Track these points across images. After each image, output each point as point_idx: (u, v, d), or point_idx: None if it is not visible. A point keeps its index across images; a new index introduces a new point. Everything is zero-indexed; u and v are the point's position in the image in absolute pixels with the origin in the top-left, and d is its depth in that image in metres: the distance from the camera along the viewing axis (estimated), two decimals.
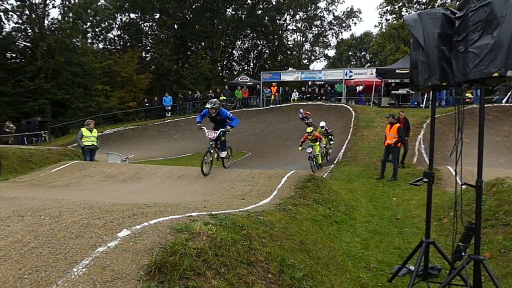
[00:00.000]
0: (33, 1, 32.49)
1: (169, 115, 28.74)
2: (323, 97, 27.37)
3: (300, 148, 13.45)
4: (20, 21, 32.98)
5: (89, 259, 2.50)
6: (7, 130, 24.37)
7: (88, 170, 9.43)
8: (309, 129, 13.49)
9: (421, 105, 22.40)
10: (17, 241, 2.71)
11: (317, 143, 13.58)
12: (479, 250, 3.40)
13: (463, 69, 3.26)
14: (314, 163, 13.41)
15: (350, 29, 75.62)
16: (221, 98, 29.94)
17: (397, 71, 22.65)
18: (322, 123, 15.12)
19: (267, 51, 51.80)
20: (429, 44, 3.42)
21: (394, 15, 43.39)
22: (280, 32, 50.75)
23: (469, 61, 3.20)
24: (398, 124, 11.57)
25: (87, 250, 2.60)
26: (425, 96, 22.14)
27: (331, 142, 15.72)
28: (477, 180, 3.40)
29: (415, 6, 40.83)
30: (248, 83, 31.71)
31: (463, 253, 3.47)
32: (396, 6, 43.11)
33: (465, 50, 3.24)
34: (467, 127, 5.44)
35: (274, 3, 47.93)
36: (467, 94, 21.17)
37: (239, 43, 50.59)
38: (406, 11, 40.83)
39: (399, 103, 23.36)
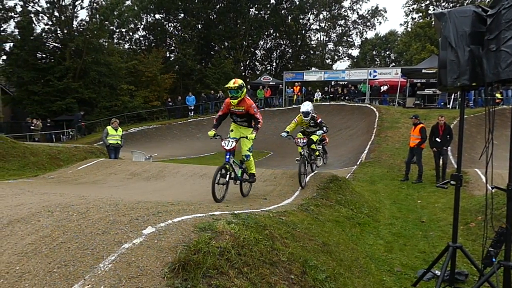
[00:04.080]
0: (63, 3, 33.45)
1: (192, 114, 29.03)
2: (346, 97, 27.06)
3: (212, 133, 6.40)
4: (50, 22, 34.05)
5: (115, 255, 2.55)
6: (32, 127, 25.20)
7: (113, 168, 9.63)
8: (233, 84, 6.02)
9: (448, 106, 21.84)
10: (47, 235, 2.79)
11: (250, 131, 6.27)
12: (510, 256, 3.28)
13: (495, 69, 3.16)
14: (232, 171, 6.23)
15: (375, 28, 74.47)
16: None
17: (423, 70, 22.18)
18: (306, 107, 7.84)
19: (290, 50, 51.60)
20: (459, 43, 3.32)
21: (421, 14, 42.42)
22: (303, 31, 50.46)
23: (501, 60, 3.09)
24: (421, 125, 11.30)
25: (113, 246, 2.65)
26: (452, 96, 21.59)
27: (319, 133, 8.07)
28: (508, 183, 3.28)
29: (443, 4, 39.80)
30: (270, 83, 31.68)
31: (493, 259, 3.36)
32: (423, 4, 42.15)
33: (497, 49, 3.14)
34: (496, 129, 5.26)
35: (297, 2, 47.72)
36: (496, 95, 20.50)
37: (262, 43, 50.64)
38: (433, 10, 39.84)
39: (425, 103, 22.85)
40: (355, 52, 59.03)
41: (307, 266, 3.42)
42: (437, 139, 10.90)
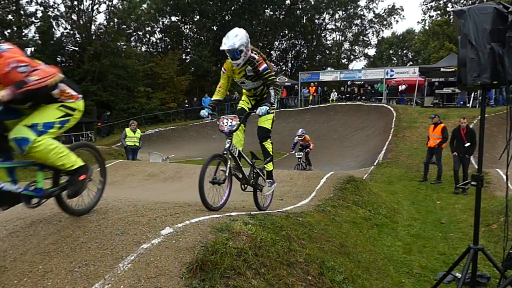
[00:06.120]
0: (81, 8, 34.14)
1: None
2: (363, 97, 26.81)
3: None
4: (69, 27, 34.80)
5: (134, 255, 2.59)
6: None
7: (131, 169, 9.76)
8: None
9: (468, 105, 21.40)
10: (68, 235, 2.85)
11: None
12: None
13: None
14: None
15: (392, 27, 73.47)
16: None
17: (442, 69, 21.79)
18: (231, 39, 4.17)
19: (305, 51, 51.38)
20: (479, 40, 3.25)
21: (439, 11, 41.64)
22: (318, 31, 50.20)
23: None
24: (442, 124, 11.10)
25: (132, 247, 2.69)
26: (472, 95, 21.14)
27: (263, 111, 4.26)
28: None
29: (461, 1, 39.01)
30: (286, 84, 31.62)
31: None
32: (441, 2, 41.37)
33: None
34: None
35: (312, 2, 47.51)
36: None
37: (277, 43, 50.59)
38: (452, 7, 39.08)
39: (444, 102, 22.46)
40: (371, 52, 58.47)
41: (324, 267, 3.41)
42: (465, 145, 9.90)
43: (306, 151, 13.58)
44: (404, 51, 57.98)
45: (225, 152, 4.16)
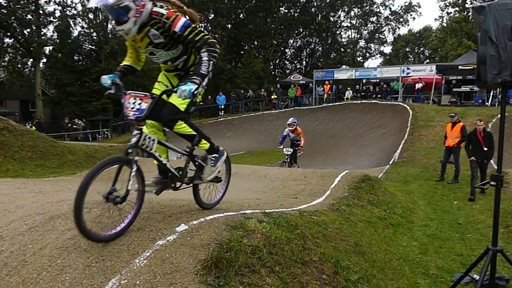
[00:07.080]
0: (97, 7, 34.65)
1: (222, 113, 29.31)
2: (379, 95, 26.50)
3: None
4: (86, 25, 35.37)
5: (150, 251, 2.62)
6: (74, 126, 26.22)
7: (146, 166, 9.82)
8: None
9: (486, 103, 20.96)
10: None
11: None
12: None
13: None
14: None
15: (408, 24, 72.31)
16: (272, 97, 30.04)
17: (459, 67, 21.41)
18: None
19: (320, 49, 51.07)
20: (500, 37, 3.18)
21: (457, 8, 40.83)
22: (333, 29, 49.81)
23: None
24: (462, 123, 10.88)
25: (148, 243, 2.72)
26: (491, 93, 20.69)
27: (186, 93, 2.94)
28: None
29: None
30: (300, 82, 31.48)
31: None
32: None
33: None
34: None
35: (328, 0, 47.15)
36: None
37: (292, 41, 50.38)
38: (470, 3, 38.27)
39: (461, 101, 22.05)
40: (387, 49, 57.74)
41: (339, 266, 3.39)
42: (483, 149, 9.27)
43: (297, 148, 11.74)
44: (421, 49, 57.11)
45: (130, 150, 2.80)
